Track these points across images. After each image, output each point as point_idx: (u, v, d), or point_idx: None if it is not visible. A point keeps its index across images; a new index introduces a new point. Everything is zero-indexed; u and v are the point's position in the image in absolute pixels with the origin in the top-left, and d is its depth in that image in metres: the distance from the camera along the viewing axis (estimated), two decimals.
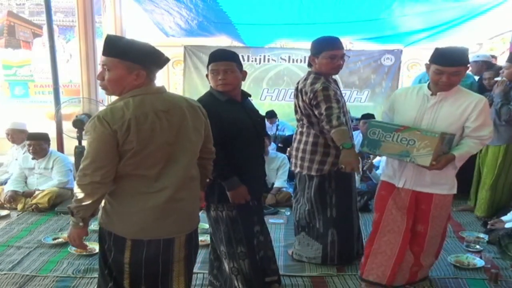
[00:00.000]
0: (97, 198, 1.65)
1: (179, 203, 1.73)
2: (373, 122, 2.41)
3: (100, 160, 1.60)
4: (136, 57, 1.63)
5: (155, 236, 1.72)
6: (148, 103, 1.65)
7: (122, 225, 1.70)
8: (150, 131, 1.63)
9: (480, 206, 3.97)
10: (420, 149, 2.17)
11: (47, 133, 4.57)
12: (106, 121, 1.58)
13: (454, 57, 2.21)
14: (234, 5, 5.17)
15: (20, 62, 8.12)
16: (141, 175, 1.66)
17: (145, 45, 1.68)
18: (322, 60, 2.69)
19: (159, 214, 1.69)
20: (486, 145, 3.92)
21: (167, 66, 6.71)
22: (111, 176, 1.64)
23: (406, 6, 4.98)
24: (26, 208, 4.22)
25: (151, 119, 1.63)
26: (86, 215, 1.68)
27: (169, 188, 1.69)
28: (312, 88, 2.65)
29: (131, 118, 1.59)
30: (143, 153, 1.63)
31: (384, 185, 2.56)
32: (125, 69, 1.63)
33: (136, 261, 1.72)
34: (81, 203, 1.65)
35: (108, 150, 1.60)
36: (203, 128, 1.83)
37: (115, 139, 1.59)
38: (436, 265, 2.95)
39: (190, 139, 1.75)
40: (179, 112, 1.71)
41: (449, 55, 2.22)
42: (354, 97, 7.94)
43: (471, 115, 2.24)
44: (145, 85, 1.68)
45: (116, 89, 1.68)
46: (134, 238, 1.70)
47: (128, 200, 1.69)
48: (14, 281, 2.76)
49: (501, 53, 7.23)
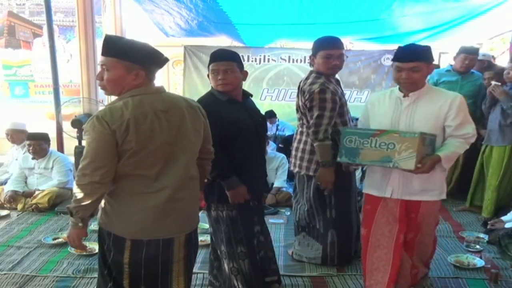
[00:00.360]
0: (96, 198, 1.65)
1: (178, 203, 1.73)
2: (348, 130, 2.30)
3: (99, 160, 1.59)
4: (135, 57, 1.63)
5: (154, 236, 1.72)
6: (147, 103, 1.64)
7: (122, 225, 1.70)
8: (149, 131, 1.62)
9: (486, 207, 3.91)
10: (402, 152, 2.06)
11: (47, 133, 4.58)
12: (105, 121, 1.58)
13: (411, 53, 2.18)
14: (234, 5, 5.17)
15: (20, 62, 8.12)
16: (140, 175, 1.66)
17: (144, 45, 1.68)
18: (319, 59, 2.69)
19: (158, 214, 1.69)
20: (490, 146, 3.93)
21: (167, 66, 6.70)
22: (110, 176, 1.64)
23: (406, 6, 4.98)
24: (26, 208, 4.22)
25: (150, 119, 1.63)
26: (85, 216, 1.68)
27: (168, 188, 1.69)
28: (310, 89, 2.65)
29: (130, 118, 1.59)
30: (142, 153, 1.63)
31: (367, 199, 2.44)
32: (124, 69, 1.63)
33: (136, 261, 1.72)
34: (80, 203, 1.64)
35: (107, 150, 1.59)
36: (202, 129, 1.83)
37: (114, 139, 1.58)
38: (436, 265, 2.96)
39: (190, 139, 1.75)
40: (178, 112, 1.71)
41: (407, 51, 2.19)
42: (354, 97, 7.94)
43: (449, 113, 2.18)
44: (145, 85, 1.68)
45: (115, 89, 1.68)
46: (134, 238, 1.70)
47: (127, 200, 1.69)
48: (14, 281, 2.76)
49: (501, 53, 7.23)
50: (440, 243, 3.37)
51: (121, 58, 1.63)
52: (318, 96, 2.60)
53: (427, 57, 2.21)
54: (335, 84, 2.78)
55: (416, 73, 2.17)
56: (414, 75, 2.17)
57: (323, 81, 2.66)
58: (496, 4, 4.95)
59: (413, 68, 2.16)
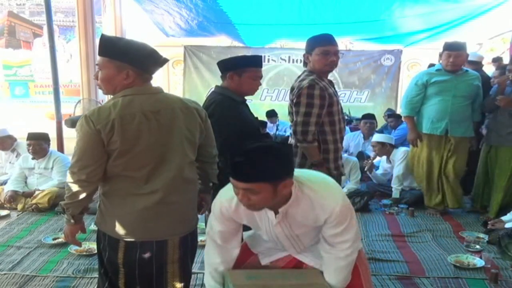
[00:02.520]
0: (84, 196, 1.66)
1: (170, 206, 1.70)
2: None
3: (86, 159, 1.61)
4: (124, 56, 1.62)
5: (146, 238, 1.70)
6: (137, 103, 1.63)
7: (115, 226, 1.69)
8: (136, 132, 1.61)
9: (493, 208, 3.86)
10: None
11: (47, 133, 4.57)
12: (91, 120, 1.58)
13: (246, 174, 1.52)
14: (234, 5, 5.17)
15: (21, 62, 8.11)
16: (130, 177, 1.65)
17: (137, 45, 1.67)
18: (315, 56, 2.58)
19: (149, 216, 1.67)
20: (495, 146, 3.86)
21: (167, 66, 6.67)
22: (98, 175, 1.64)
23: (406, 7, 4.98)
24: (26, 208, 4.21)
25: (138, 120, 1.61)
26: (75, 213, 1.70)
27: (160, 190, 1.67)
28: (299, 84, 2.57)
29: (115, 118, 1.58)
30: (130, 154, 1.62)
31: None
32: (114, 68, 1.63)
33: (130, 262, 1.71)
34: (69, 200, 1.67)
35: (93, 149, 1.60)
36: (199, 130, 1.79)
37: (100, 139, 1.59)
38: (436, 265, 2.96)
39: (182, 141, 1.72)
40: (170, 113, 1.69)
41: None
42: (354, 97, 7.95)
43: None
44: (138, 85, 1.66)
45: (109, 89, 1.68)
46: (126, 239, 1.69)
47: (119, 201, 1.69)
48: (14, 281, 2.75)
49: (501, 53, 7.23)
50: (440, 243, 3.38)
51: (111, 57, 1.63)
52: (306, 91, 2.50)
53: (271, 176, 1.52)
54: (327, 83, 2.67)
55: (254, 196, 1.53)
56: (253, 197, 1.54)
57: (313, 78, 2.56)
58: (496, 4, 4.95)
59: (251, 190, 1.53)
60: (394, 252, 3.22)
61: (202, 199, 2.00)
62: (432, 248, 3.28)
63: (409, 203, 4.25)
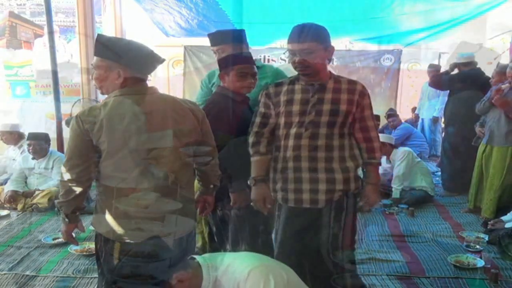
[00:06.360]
0: (75, 195, 1.66)
1: (163, 208, 1.69)
2: None
3: (75, 158, 1.62)
4: (114, 56, 1.62)
5: (139, 239, 1.69)
6: (128, 104, 1.62)
7: (109, 228, 1.69)
8: (125, 133, 1.59)
9: (488, 208, 3.84)
10: None
11: (47, 133, 4.57)
12: (80, 120, 1.59)
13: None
14: (234, 4, 5.18)
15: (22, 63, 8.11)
16: (121, 178, 1.64)
17: (128, 44, 1.67)
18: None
19: (141, 218, 1.66)
20: (491, 146, 3.86)
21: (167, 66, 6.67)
22: (87, 175, 1.64)
23: (406, 4, 4.98)
24: (26, 208, 4.22)
25: (128, 121, 1.59)
26: (67, 211, 1.70)
27: (152, 192, 1.65)
28: None
29: (104, 118, 1.58)
30: (119, 154, 1.60)
31: None
32: (106, 68, 1.64)
33: (125, 262, 1.70)
34: (61, 199, 1.68)
35: (82, 149, 1.61)
36: (194, 131, 1.76)
37: (89, 138, 1.59)
38: (436, 265, 2.96)
39: (174, 143, 1.69)
40: (162, 115, 1.67)
41: None
42: None
43: None
44: (131, 86, 1.65)
45: (103, 88, 1.68)
46: (121, 240, 1.68)
47: (111, 202, 1.67)
48: (14, 281, 2.76)
49: (501, 52, 7.23)
50: (440, 243, 3.38)
51: (102, 57, 1.64)
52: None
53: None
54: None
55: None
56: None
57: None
58: (496, 4, 4.94)
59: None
60: (394, 252, 3.22)
61: (204, 201, 1.99)
62: (432, 248, 3.28)
63: (409, 203, 4.24)
